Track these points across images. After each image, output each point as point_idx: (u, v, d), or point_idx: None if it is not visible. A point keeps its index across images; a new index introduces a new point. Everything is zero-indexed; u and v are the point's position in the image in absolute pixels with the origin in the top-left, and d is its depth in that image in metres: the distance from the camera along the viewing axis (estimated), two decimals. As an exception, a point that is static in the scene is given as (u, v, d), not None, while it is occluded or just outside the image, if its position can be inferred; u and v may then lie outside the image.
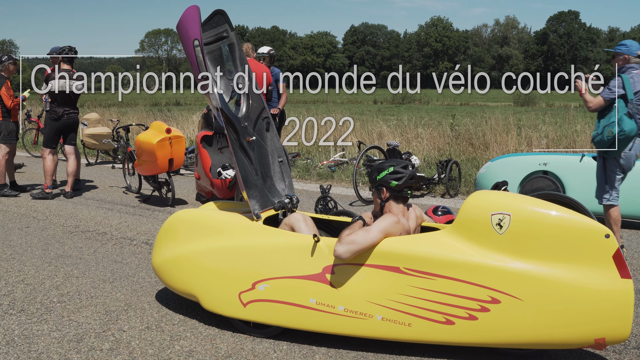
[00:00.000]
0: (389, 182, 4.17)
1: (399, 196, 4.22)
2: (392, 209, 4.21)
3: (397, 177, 4.16)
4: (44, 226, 7.77)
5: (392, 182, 4.16)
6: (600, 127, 6.14)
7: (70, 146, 9.87)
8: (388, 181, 4.17)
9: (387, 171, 4.18)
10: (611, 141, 6.06)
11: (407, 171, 4.18)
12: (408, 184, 4.19)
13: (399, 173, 4.16)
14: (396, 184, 4.15)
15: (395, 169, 4.17)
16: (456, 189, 10.33)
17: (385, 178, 4.18)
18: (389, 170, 4.18)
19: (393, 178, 4.16)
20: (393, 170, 4.17)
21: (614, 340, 3.62)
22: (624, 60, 6.23)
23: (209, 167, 8.73)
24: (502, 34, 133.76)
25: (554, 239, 3.64)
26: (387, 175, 4.17)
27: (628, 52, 6.21)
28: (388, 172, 4.18)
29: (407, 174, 4.17)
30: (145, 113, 23.08)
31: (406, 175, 4.16)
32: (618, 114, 5.98)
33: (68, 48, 9.52)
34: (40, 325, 4.55)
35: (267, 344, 4.25)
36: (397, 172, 4.17)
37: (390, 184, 4.17)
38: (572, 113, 15.97)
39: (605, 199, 6.38)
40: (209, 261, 4.39)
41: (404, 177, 4.16)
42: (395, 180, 4.16)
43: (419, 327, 3.86)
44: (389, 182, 4.17)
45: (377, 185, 4.25)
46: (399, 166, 4.19)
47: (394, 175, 4.16)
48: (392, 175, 4.17)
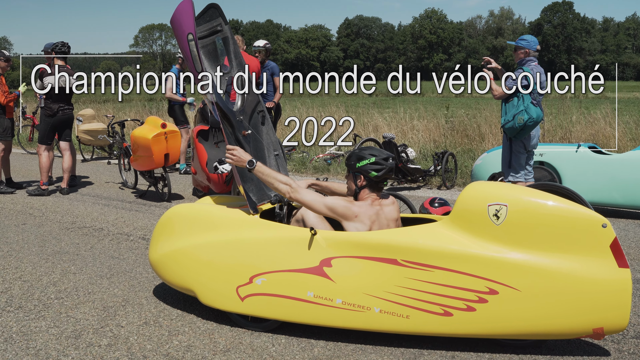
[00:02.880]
0: (369, 172, 4.18)
1: (375, 186, 4.25)
2: (365, 196, 4.25)
3: (377, 169, 4.18)
4: (41, 223, 7.75)
5: (372, 172, 4.18)
6: (510, 115, 6.71)
7: (65, 142, 9.84)
8: (368, 171, 4.19)
9: (368, 160, 4.19)
10: (522, 127, 6.65)
11: (387, 163, 4.20)
12: (386, 176, 4.22)
13: (379, 165, 4.18)
14: (375, 175, 4.18)
15: (376, 160, 4.19)
16: (452, 180, 10.34)
17: (365, 167, 4.19)
18: (370, 160, 4.19)
19: (373, 169, 4.18)
20: (374, 161, 4.18)
21: (612, 329, 3.63)
22: (525, 53, 6.85)
23: (205, 162, 8.72)
24: (496, 25, 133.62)
25: (551, 229, 3.64)
26: (368, 165, 4.19)
27: (528, 47, 6.83)
28: (369, 161, 4.19)
29: (387, 166, 4.20)
30: (141, 108, 23.02)
31: (386, 168, 4.19)
32: (524, 102, 6.61)
33: (61, 44, 9.48)
34: (38, 321, 4.54)
35: (266, 337, 4.25)
36: (377, 164, 4.18)
37: (370, 174, 4.19)
38: (568, 104, 15.96)
39: (512, 176, 6.99)
40: (206, 256, 4.39)
41: (383, 169, 4.18)
42: (375, 172, 4.18)
43: (417, 319, 3.87)
44: (368, 172, 4.19)
45: (355, 171, 4.27)
46: (380, 157, 4.20)
47: (374, 166, 4.18)
48: (372, 165, 4.18)
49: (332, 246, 4.03)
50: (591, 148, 8.15)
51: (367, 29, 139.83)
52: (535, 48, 6.82)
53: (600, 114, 14.07)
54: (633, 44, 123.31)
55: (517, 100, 6.67)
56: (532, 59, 6.81)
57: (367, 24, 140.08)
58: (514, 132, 6.73)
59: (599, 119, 13.83)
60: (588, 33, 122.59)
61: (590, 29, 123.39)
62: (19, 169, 12.40)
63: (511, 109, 6.70)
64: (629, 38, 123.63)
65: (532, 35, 6.97)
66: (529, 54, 6.81)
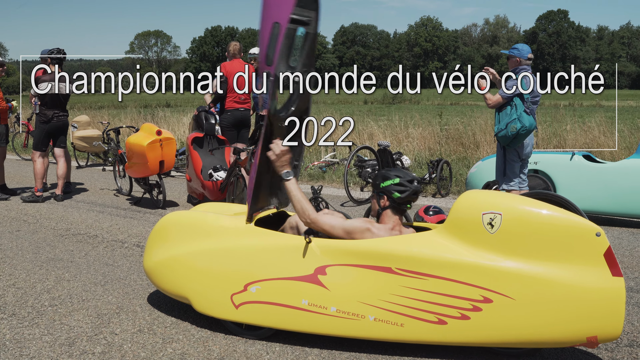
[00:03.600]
0: (392, 192, 4.15)
1: (398, 208, 4.21)
2: (387, 219, 4.21)
3: (401, 190, 4.14)
4: (35, 229, 7.73)
5: (395, 193, 4.15)
6: (503, 124, 6.74)
7: (60, 149, 9.82)
8: (391, 191, 4.16)
9: (392, 181, 4.16)
10: (514, 135, 6.67)
11: (412, 185, 4.16)
12: (410, 199, 4.18)
13: (404, 186, 4.14)
14: (398, 197, 4.14)
15: (401, 181, 4.15)
16: (447, 188, 10.36)
17: (389, 187, 4.16)
18: (395, 180, 4.16)
19: (397, 190, 4.15)
20: (399, 182, 4.15)
21: (606, 338, 3.63)
22: (517, 62, 6.88)
23: (200, 169, 8.72)
24: (491, 34, 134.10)
25: (545, 237, 3.65)
26: (392, 186, 4.16)
27: (520, 55, 6.86)
28: (393, 182, 4.16)
29: (411, 189, 4.15)
30: (136, 115, 23.01)
31: (410, 190, 4.15)
32: (517, 111, 6.65)
33: (57, 50, 9.49)
34: (31, 329, 4.53)
35: (260, 345, 4.25)
36: (402, 185, 4.14)
37: (393, 194, 4.15)
38: (562, 112, 16.04)
39: (507, 184, 6.99)
40: (200, 263, 4.38)
41: (407, 191, 4.14)
42: (398, 193, 4.14)
43: (411, 327, 3.87)
44: (391, 193, 4.16)
45: (379, 191, 4.25)
46: (405, 179, 4.17)
47: (398, 187, 4.15)
48: (396, 186, 4.15)
49: (326, 254, 4.03)
50: (585, 157, 8.18)
51: (362, 37, 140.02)
52: (527, 56, 6.85)
53: (594, 122, 14.13)
54: (627, 52, 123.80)
55: (510, 108, 6.70)
56: (525, 67, 6.83)
57: (362, 31, 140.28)
58: (507, 140, 6.75)
59: (593, 127, 13.89)
60: (583, 41, 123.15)
61: (585, 37, 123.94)
62: (13, 176, 12.37)
63: (504, 118, 6.73)
64: (624, 47, 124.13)
65: (524, 44, 7.01)
66: (520, 63, 6.85)
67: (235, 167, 8.02)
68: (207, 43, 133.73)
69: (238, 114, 9.57)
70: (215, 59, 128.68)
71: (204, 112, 9.30)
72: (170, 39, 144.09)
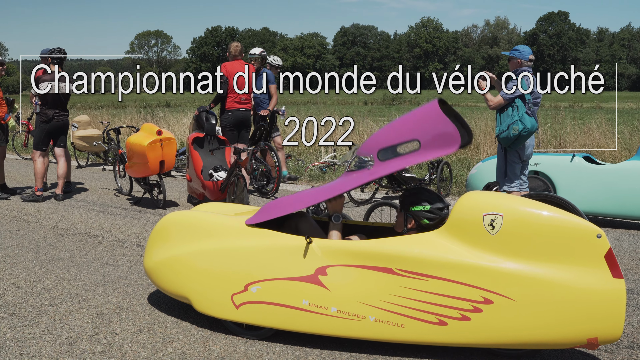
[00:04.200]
0: (421, 218, 4.18)
1: (423, 230, 4.21)
2: None
3: (430, 218, 4.17)
4: (35, 229, 7.73)
5: (425, 220, 4.17)
6: (504, 125, 6.74)
7: (60, 148, 9.82)
8: (420, 217, 4.18)
9: (422, 207, 4.17)
10: (516, 137, 6.68)
11: (441, 214, 4.17)
12: (437, 224, 4.18)
13: (434, 214, 4.16)
14: (427, 223, 4.17)
15: (432, 209, 4.16)
16: (447, 189, 10.35)
17: (419, 213, 4.18)
18: (425, 207, 4.17)
19: (426, 217, 4.17)
20: (429, 210, 4.16)
21: (606, 339, 3.63)
22: (518, 63, 6.89)
23: (201, 169, 8.72)
24: (492, 35, 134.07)
25: (545, 239, 3.65)
26: (422, 212, 4.17)
27: (520, 57, 6.89)
28: (424, 209, 4.17)
29: (440, 217, 4.17)
30: (136, 115, 23.00)
31: (438, 218, 4.17)
32: (519, 112, 6.65)
33: (57, 50, 9.49)
34: (32, 328, 4.53)
35: (260, 345, 4.25)
36: (432, 212, 4.16)
37: (422, 221, 4.18)
38: (562, 114, 16.04)
39: (507, 185, 6.99)
40: (201, 263, 4.38)
41: (436, 219, 4.17)
42: (427, 220, 4.17)
43: (411, 328, 3.87)
44: (420, 218, 4.18)
45: (407, 213, 4.25)
46: (436, 207, 4.17)
47: (428, 215, 4.16)
48: (426, 213, 4.17)
49: (327, 255, 4.04)
50: (586, 159, 8.18)
51: (363, 38, 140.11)
52: (528, 58, 6.85)
53: (595, 123, 14.13)
54: (627, 54, 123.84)
55: (512, 110, 6.70)
56: (526, 68, 6.83)
57: (363, 32, 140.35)
58: (509, 142, 6.75)
59: (593, 129, 13.90)
60: (583, 43, 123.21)
61: (585, 39, 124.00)
62: (13, 175, 12.36)
63: (506, 119, 6.74)
64: (624, 48, 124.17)
65: (525, 45, 7.02)
66: (522, 64, 6.85)
67: (235, 167, 8.03)
68: (208, 43, 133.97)
69: (239, 114, 9.58)
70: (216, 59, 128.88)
71: (205, 112, 9.31)
72: (170, 39, 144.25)
